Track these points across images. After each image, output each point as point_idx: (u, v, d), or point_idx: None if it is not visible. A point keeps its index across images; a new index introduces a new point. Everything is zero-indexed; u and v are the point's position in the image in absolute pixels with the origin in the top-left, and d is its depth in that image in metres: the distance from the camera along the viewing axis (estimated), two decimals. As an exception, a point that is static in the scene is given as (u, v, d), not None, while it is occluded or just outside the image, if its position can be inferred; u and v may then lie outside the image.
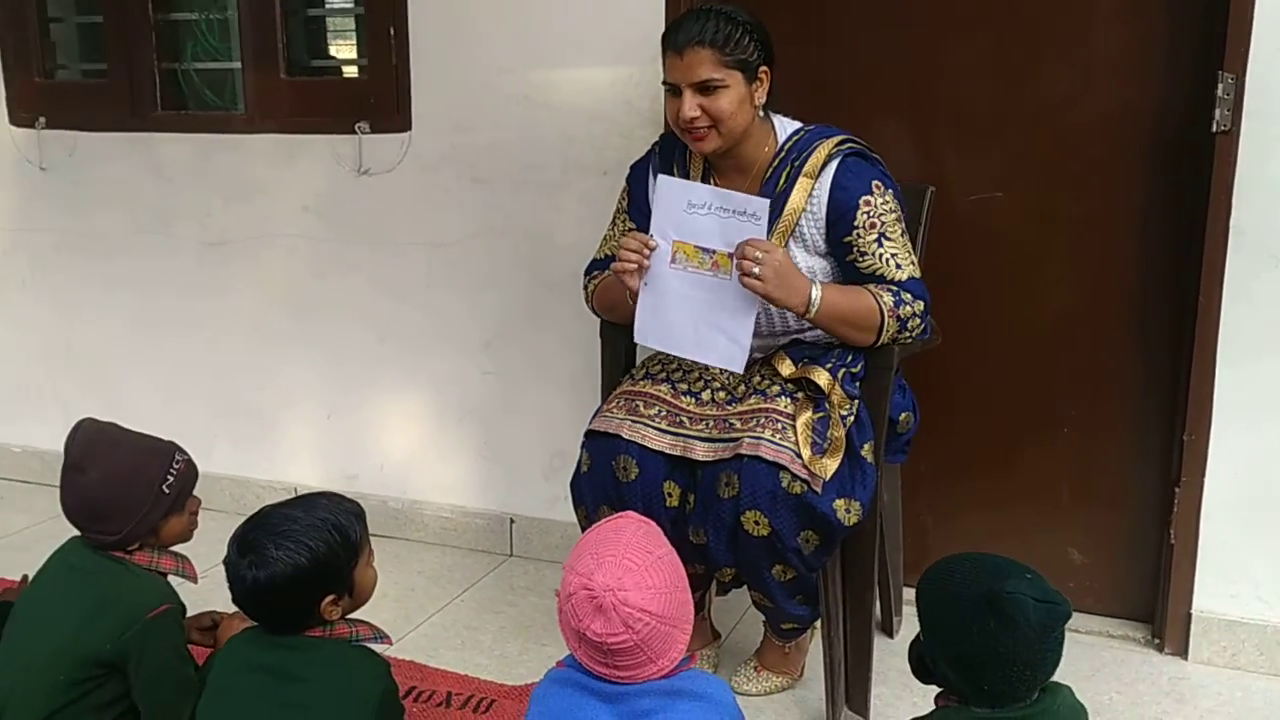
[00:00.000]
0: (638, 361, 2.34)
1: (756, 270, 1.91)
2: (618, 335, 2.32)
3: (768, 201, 1.95)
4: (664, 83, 2.07)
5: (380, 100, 2.93)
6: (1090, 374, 2.55)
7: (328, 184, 3.04)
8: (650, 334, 2.08)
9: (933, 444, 2.53)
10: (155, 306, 3.32)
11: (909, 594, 2.69)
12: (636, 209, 2.25)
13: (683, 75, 2.02)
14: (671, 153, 2.21)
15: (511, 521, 3.03)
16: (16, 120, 3.34)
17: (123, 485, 1.83)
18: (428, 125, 2.91)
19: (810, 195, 2.06)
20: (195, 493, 1.96)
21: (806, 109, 2.20)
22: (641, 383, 2.17)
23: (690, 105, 2.02)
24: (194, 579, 1.94)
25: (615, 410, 2.13)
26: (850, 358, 2.08)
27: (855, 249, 2.06)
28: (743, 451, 1.97)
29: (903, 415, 2.20)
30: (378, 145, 2.96)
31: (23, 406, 3.54)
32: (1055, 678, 1.45)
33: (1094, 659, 2.48)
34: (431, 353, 3.03)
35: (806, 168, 2.06)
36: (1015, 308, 2.57)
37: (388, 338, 3.07)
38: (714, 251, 1.98)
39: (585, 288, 2.33)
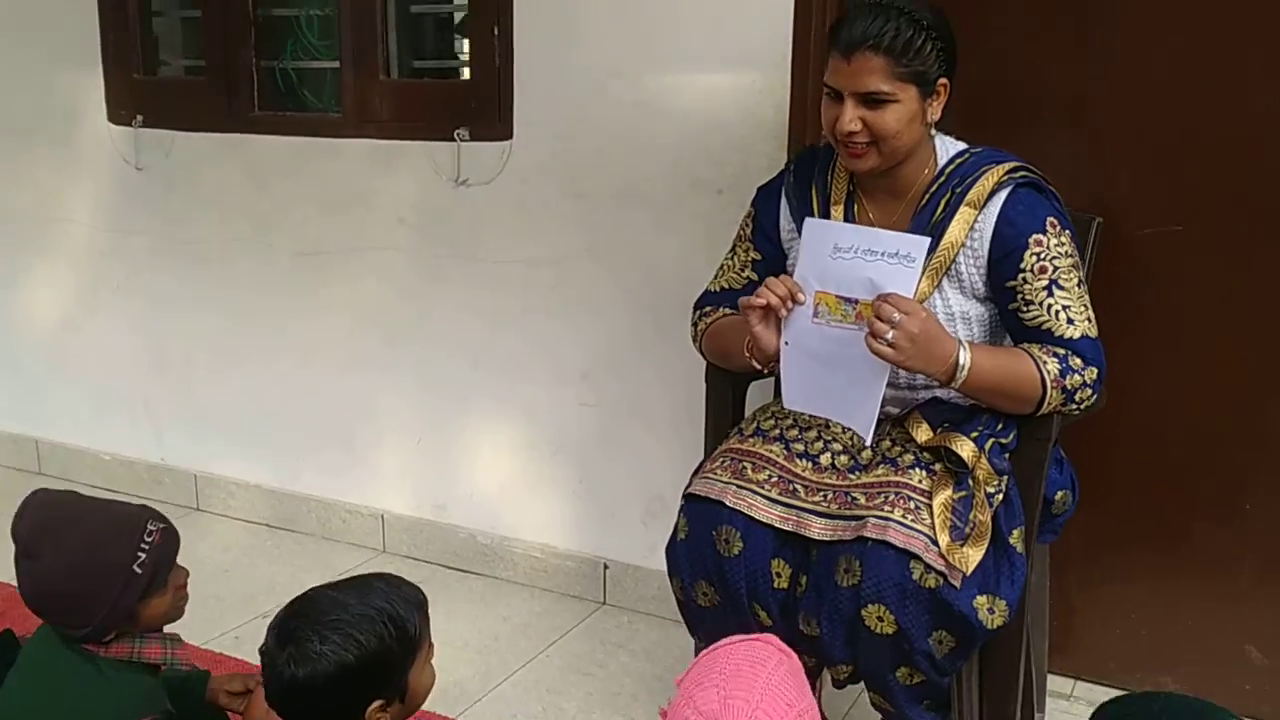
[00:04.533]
0: (748, 412, 2.06)
1: (890, 335, 1.61)
2: (726, 382, 2.04)
3: (926, 241, 1.65)
4: (824, 84, 1.77)
5: (481, 105, 2.70)
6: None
7: (424, 194, 2.83)
8: (801, 399, 1.79)
9: (1089, 513, 2.17)
10: (247, 318, 3.16)
11: (1054, 682, 2.38)
12: (763, 236, 1.97)
13: (847, 82, 1.73)
14: (810, 171, 1.92)
15: (605, 567, 2.77)
16: (115, 118, 3.21)
17: (85, 572, 1.54)
18: (530, 133, 2.67)
19: (972, 228, 1.76)
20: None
21: (953, 122, 1.88)
22: (751, 440, 1.89)
23: (851, 117, 1.73)
24: (188, 665, 1.68)
25: (719, 472, 1.85)
26: (1000, 425, 1.76)
27: (1020, 296, 1.74)
28: (867, 534, 1.67)
29: (1059, 494, 1.87)
30: (477, 154, 2.73)
31: (113, 413, 3.42)
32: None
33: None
34: (526, 380, 2.80)
35: (970, 196, 1.75)
36: (1194, 363, 2.20)
37: (481, 364, 2.85)
38: (857, 301, 1.68)
39: (694, 324, 2.05)
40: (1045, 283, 1.73)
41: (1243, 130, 2.09)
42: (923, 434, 1.77)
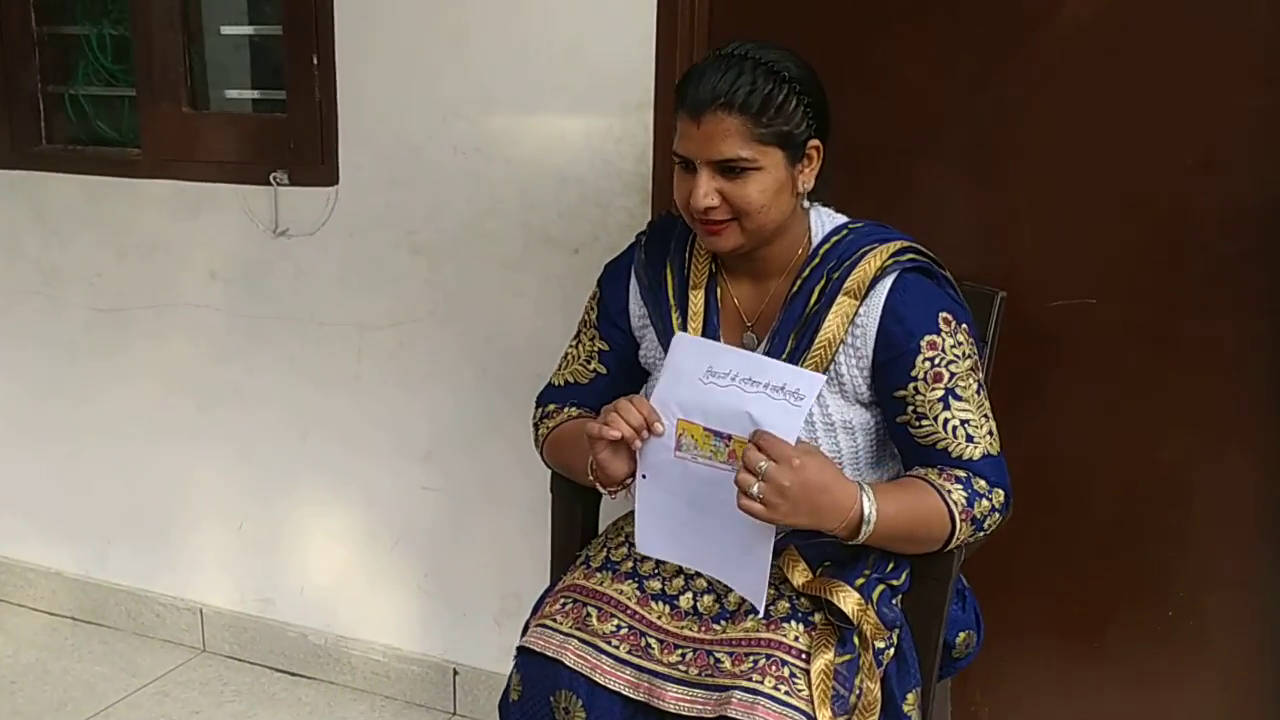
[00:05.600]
0: (603, 525, 1.74)
1: (755, 488, 1.29)
2: (574, 495, 1.71)
3: (821, 380, 1.34)
4: (674, 154, 1.46)
5: (301, 145, 2.32)
6: (1205, 545, 1.92)
7: (239, 245, 2.44)
8: (659, 543, 1.47)
9: (992, 619, 1.88)
10: (40, 381, 2.73)
11: None
12: (609, 323, 1.65)
13: (699, 149, 1.42)
14: (665, 247, 1.60)
15: (455, 672, 2.42)
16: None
17: None
18: (358, 178, 2.31)
19: (853, 322, 1.46)
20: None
21: (835, 189, 1.58)
22: (600, 575, 1.56)
23: (706, 190, 1.42)
24: None
25: (558, 618, 1.52)
26: (891, 565, 1.47)
27: (911, 409, 1.45)
28: (732, 713, 1.35)
29: (961, 636, 1.59)
30: (298, 200, 2.36)
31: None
32: None
33: None
34: (363, 455, 2.44)
35: (849, 284, 1.45)
36: (1108, 453, 1.94)
37: (311, 433, 2.48)
38: (730, 438, 1.36)
39: (535, 426, 1.72)
40: (940, 393, 1.44)
41: (1168, 188, 1.83)
42: (799, 576, 1.46)
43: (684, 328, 1.53)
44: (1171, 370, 1.88)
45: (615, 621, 1.49)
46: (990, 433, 1.48)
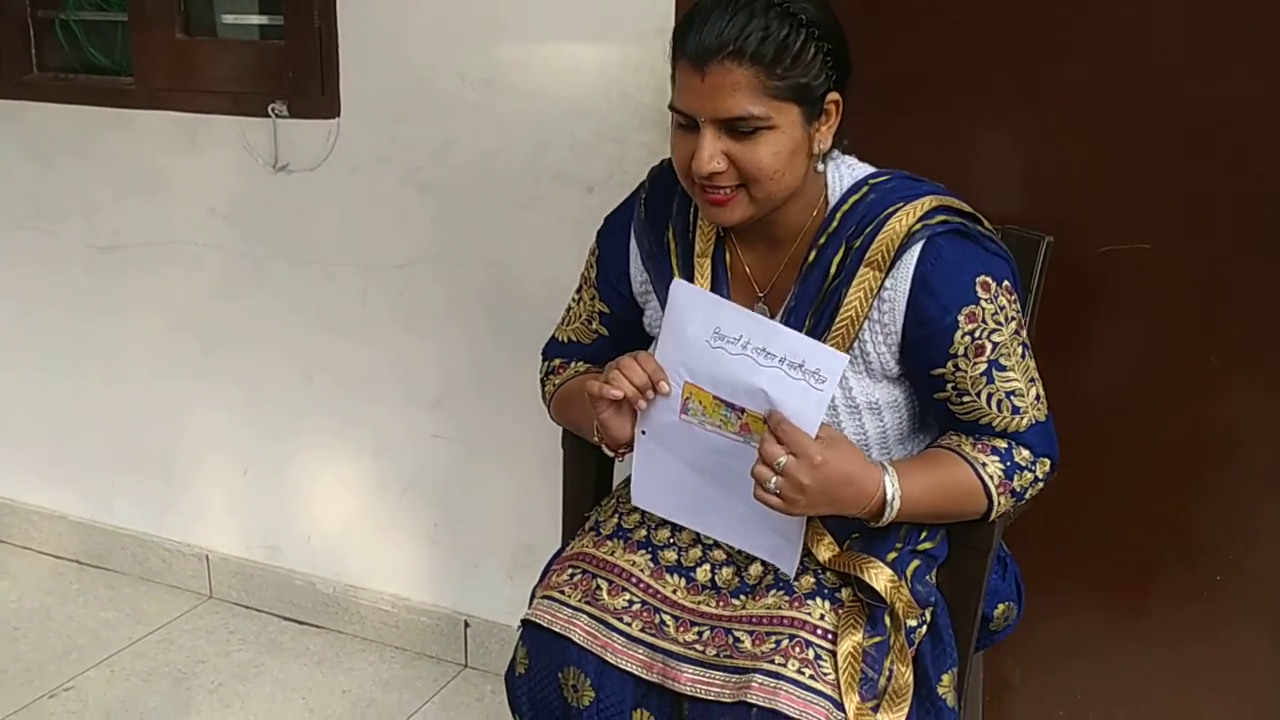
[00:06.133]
0: (614, 485, 1.64)
1: (773, 482, 1.18)
2: (586, 452, 1.60)
3: (845, 360, 1.21)
4: (671, 109, 1.31)
5: (300, 74, 2.19)
6: (1258, 503, 1.80)
7: (238, 181, 2.32)
8: (655, 500, 1.38)
9: (1034, 585, 1.78)
10: (38, 323, 2.64)
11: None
12: (609, 286, 1.52)
13: (703, 105, 1.25)
14: (665, 207, 1.46)
15: (466, 625, 2.35)
16: None
17: None
18: (360, 112, 2.18)
19: (878, 296, 1.31)
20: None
21: (854, 113, 1.42)
22: (610, 543, 1.46)
23: (712, 153, 1.26)
24: None
25: (566, 589, 1.42)
26: (924, 532, 1.36)
27: (951, 385, 1.32)
28: (752, 699, 1.26)
29: (1000, 608, 1.48)
30: (298, 134, 2.23)
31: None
32: None
33: None
34: (370, 401, 2.34)
35: (872, 253, 1.30)
36: (1159, 407, 1.82)
37: (317, 377, 2.38)
38: (743, 411, 1.24)
39: (542, 381, 1.62)
40: (984, 367, 1.31)
41: (1230, 123, 1.68)
42: (825, 550, 1.36)
43: None
44: (1229, 320, 1.75)
45: (627, 596, 1.40)
46: (1038, 397, 1.36)
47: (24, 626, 2.47)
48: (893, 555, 1.33)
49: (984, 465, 1.30)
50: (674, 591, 1.40)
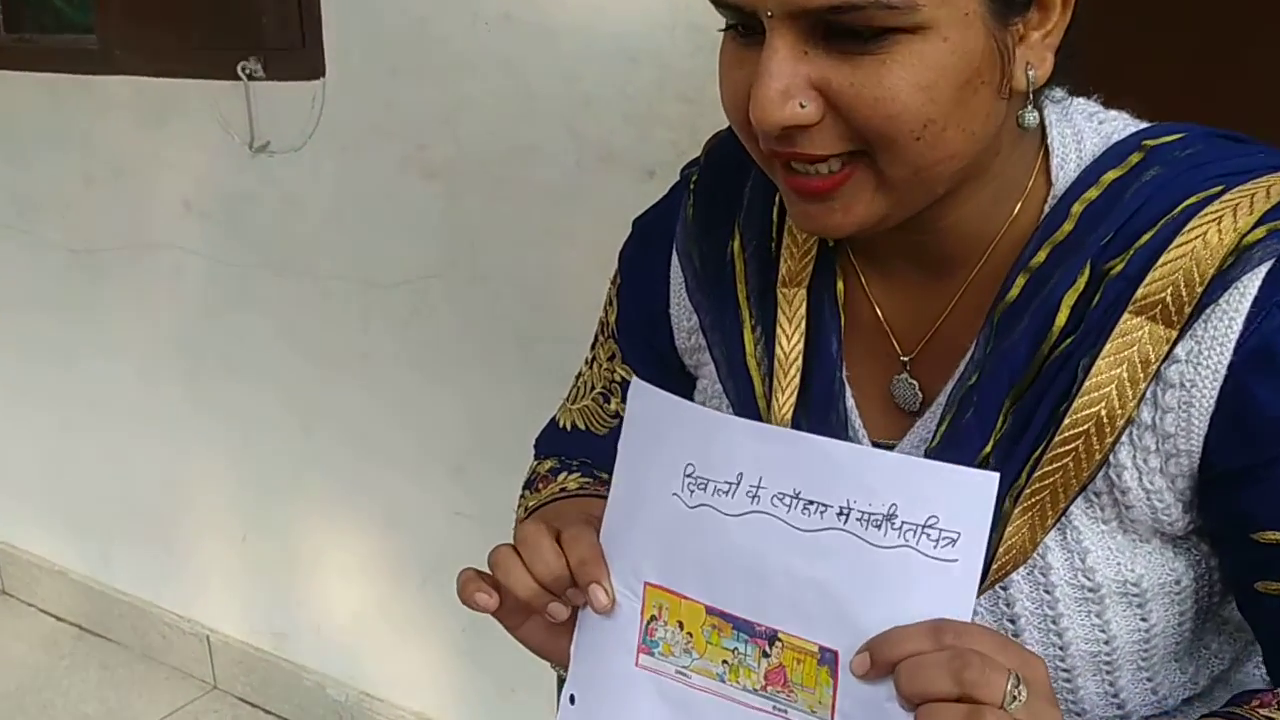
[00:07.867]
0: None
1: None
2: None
3: (995, 481, 0.54)
4: (718, 5, 0.63)
5: (276, 22, 1.61)
6: None
7: (213, 165, 1.77)
8: None
9: None
10: (24, 339, 2.18)
11: None
12: (635, 333, 0.87)
13: None
14: (733, 195, 0.79)
15: (503, 765, 1.75)
16: None
17: None
18: (349, 69, 1.58)
19: (1158, 375, 0.62)
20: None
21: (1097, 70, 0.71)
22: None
23: (788, 82, 0.59)
24: None
25: None
26: None
27: (1247, 498, 0.63)
28: None
29: None
30: (277, 102, 1.65)
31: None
32: None
33: None
34: (377, 464, 1.76)
35: (1150, 288, 0.61)
36: None
37: (316, 428, 1.82)
38: (771, 636, 0.58)
39: (522, 491, 0.99)
40: None
41: None
42: None
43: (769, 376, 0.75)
44: None
45: None
46: None
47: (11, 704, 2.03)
48: None
49: None
50: None
